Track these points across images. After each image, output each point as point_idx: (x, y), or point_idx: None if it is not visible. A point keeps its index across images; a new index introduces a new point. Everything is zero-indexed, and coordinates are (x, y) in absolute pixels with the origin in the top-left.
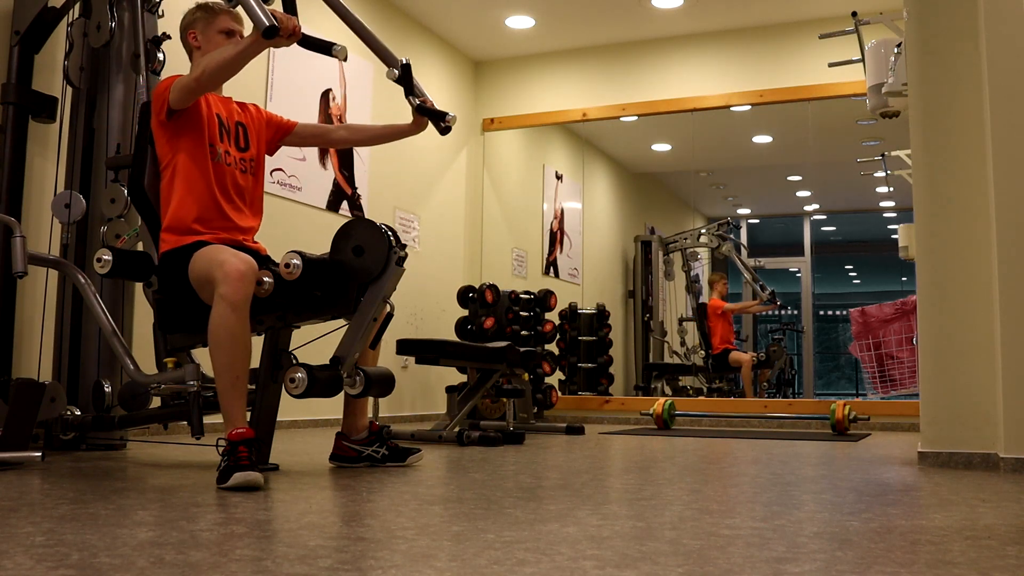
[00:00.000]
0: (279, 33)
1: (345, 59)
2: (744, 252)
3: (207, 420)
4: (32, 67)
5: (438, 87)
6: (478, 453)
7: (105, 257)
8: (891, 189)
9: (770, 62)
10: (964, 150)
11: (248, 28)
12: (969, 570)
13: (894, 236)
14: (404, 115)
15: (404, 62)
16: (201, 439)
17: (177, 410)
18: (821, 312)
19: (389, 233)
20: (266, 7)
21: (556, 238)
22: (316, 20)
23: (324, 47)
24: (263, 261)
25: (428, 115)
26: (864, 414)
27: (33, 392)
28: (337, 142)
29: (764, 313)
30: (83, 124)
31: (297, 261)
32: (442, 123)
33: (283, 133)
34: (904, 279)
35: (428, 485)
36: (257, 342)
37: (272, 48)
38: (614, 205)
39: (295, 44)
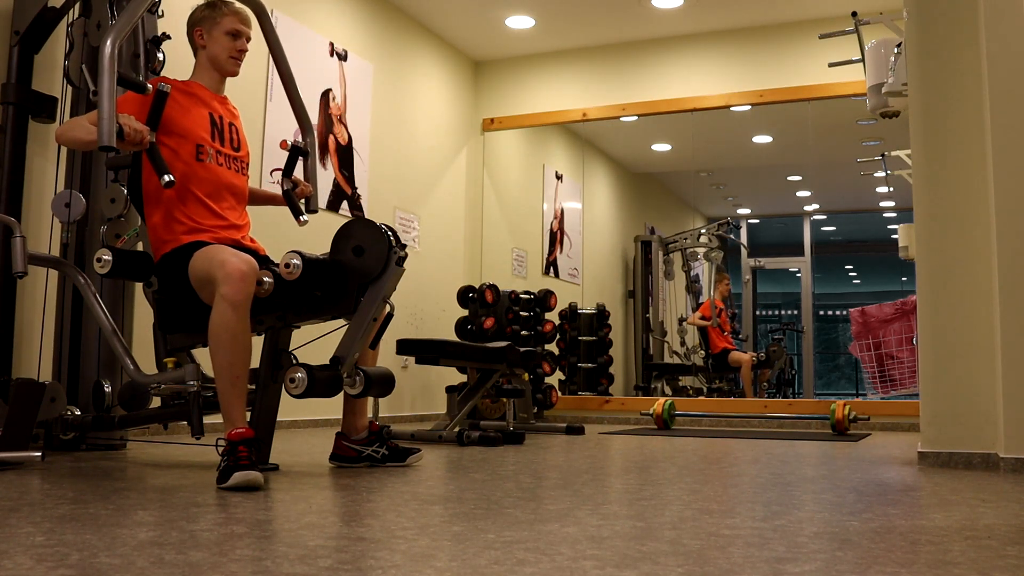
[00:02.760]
0: (122, 141)
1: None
2: (744, 252)
3: (207, 420)
4: (32, 67)
5: (438, 87)
6: (478, 453)
7: (105, 257)
8: (891, 189)
9: (770, 62)
10: (964, 150)
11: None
12: (969, 570)
13: (894, 236)
14: (404, 115)
15: (293, 144)
16: (201, 439)
17: (177, 410)
18: (821, 312)
19: (389, 233)
20: (115, 116)
21: (556, 238)
22: (316, 21)
23: (161, 168)
24: (263, 261)
25: (288, 204)
26: (864, 414)
27: (33, 392)
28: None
29: (762, 314)
30: None
31: (297, 261)
32: (299, 217)
33: None
34: (904, 279)
35: (428, 485)
36: (257, 342)
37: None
38: (614, 205)
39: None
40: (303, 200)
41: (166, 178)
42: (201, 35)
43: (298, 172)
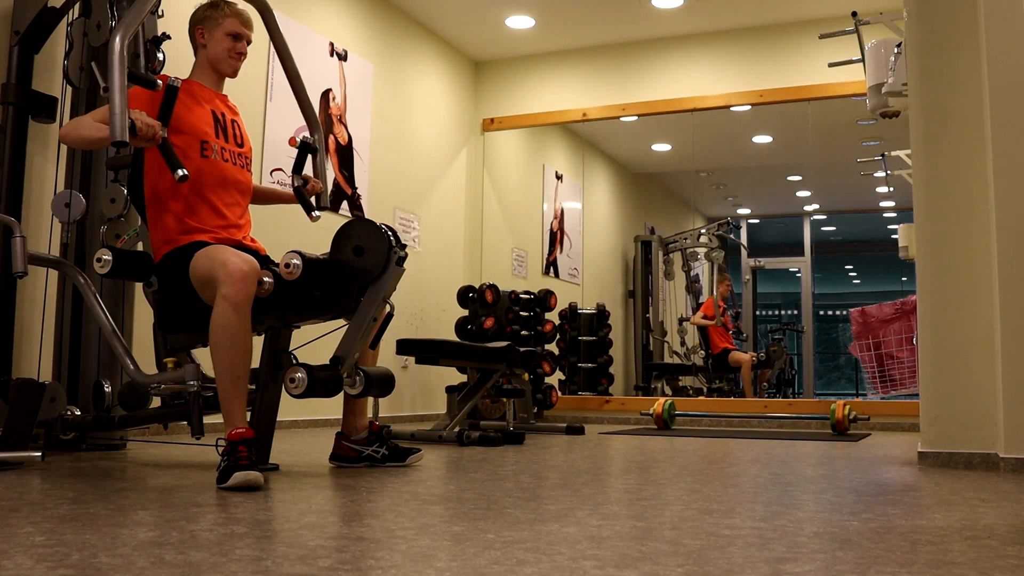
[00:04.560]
0: (135, 137)
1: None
2: (744, 252)
3: (207, 420)
4: (32, 67)
5: (438, 87)
6: (478, 453)
7: (105, 257)
8: (891, 189)
9: (770, 62)
10: (964, 150)
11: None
12: (969, 570)
13: (894, 236)
14: (404, 115)
15: (302, 140)
16: (201, 439)
17: (177, 410)
18: (821, 312)
19: (389, 233)
20: (127, 112)
21: (556, 238)
22: (315, 22)
23: (174, 164)
24: (263, 261)
25: (300, 200)
26: (864, 414)
27: (33, 392)
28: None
29: (762, 314)
30: None
31: (297, 261)
32: (311, 213)
33: None
34: (904, 279)
35: (428, 485)
36: (257, 342)
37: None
38: (614, 205)
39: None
40: (314, 197)
41: (180, 173)
42: (202, 34)
43: (307, 170)
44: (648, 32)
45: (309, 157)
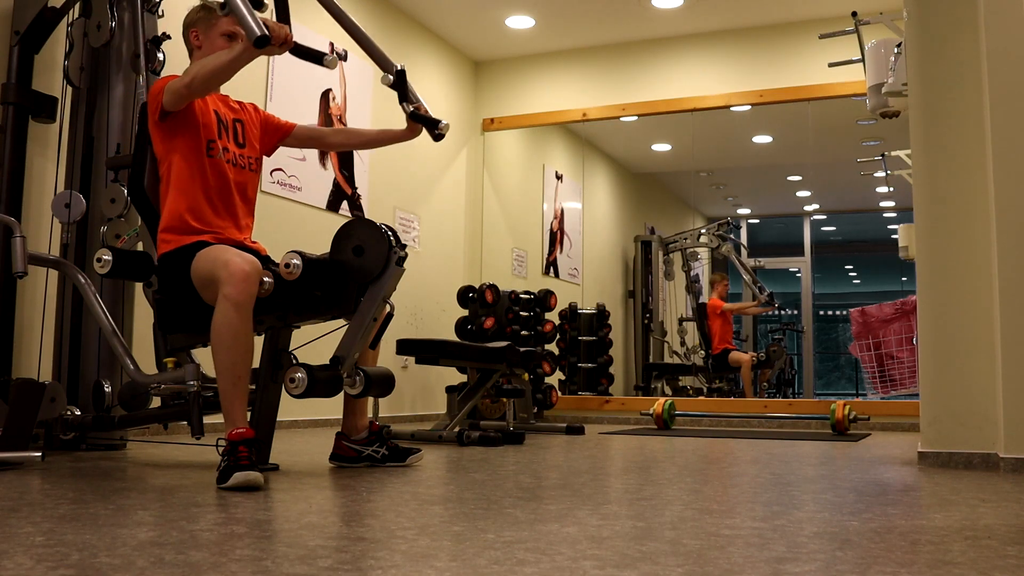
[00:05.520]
0: (270, 42)
1: (334, 67)
2: (744, 252)
3: (207, 420)
4: (32, 67)
5: (438, 87)
6: (478, 453)
7: (105, 257)
8: (891, 189)
9: (770, 62)
10: (964, 150)
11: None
12: (969, 570)
13: (894, 236)
14: (403, 116)
15: (399, 68)
16: (201, 439)
17: (177, 410)
18: (821, 312)
19: (389, 233)
20: (257, 16)
21: (556, 238)
22: (315, 22)
23: (316, 56)
24: (263, 261)
25: (421, 122)
26: (864, 414)
27: (33, 392)
28: (333, 145)
29: (764, 314)
30: (83, 124)
31: (297, 261)
32: (435, 130)
33: (281, 135)
34: (904, 279)
35: (428, 485)
36: (257, 342)
37: (266, 56)
38: (614, 205)
39: (287, 52)
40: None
41: (329, 57)
42: (197, 36)
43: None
44: (648, 32)
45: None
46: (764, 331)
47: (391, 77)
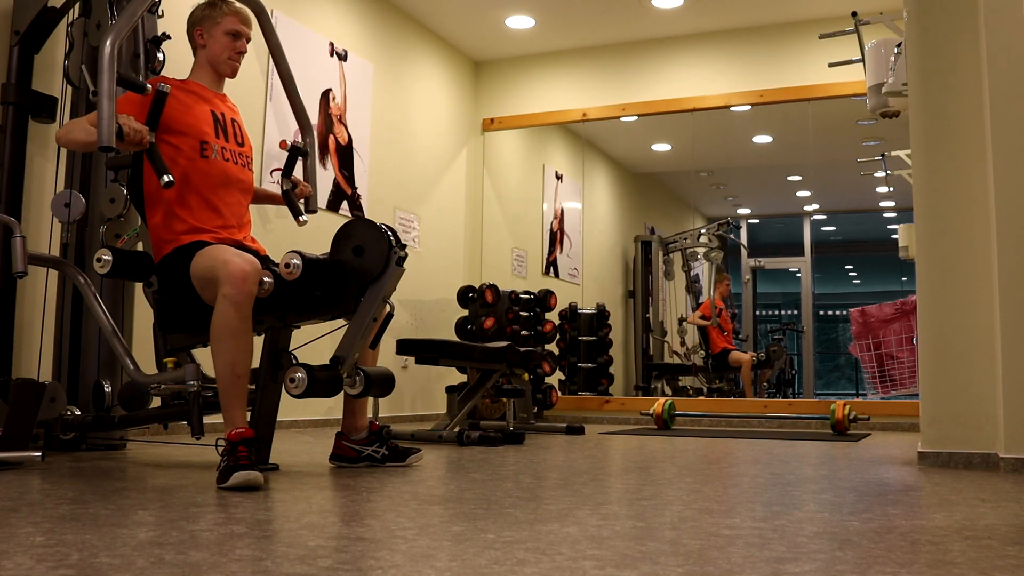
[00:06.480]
0: (122, 142)
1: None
2: (744, 252)
3: (207, 420)
4: (32, 67)
5: (438, 87)
6: (478, 453)
7: (105, 257)
8: (891, 189)
9: (770, 62)
10: (964, 150)
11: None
12: (969, 570)
13: (894, 236)
14: (404, 115)
15: (292, 144)
16: (201, 439)
17: (177, 410)
18: (821, 312)
19: (389, 233)
20: (115, 117)
21: (556, 238)
22: (315, 22)
23: (160, 169)
24: (263, 261)
25: (288, 204)
26: (864, 414)
27: (33, 392)
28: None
29: (762, 314)
30: None
31: (297, 261)
32: (297, 218)
33: None
34: (904, 279)
35: (428, 485)
36: (257, 342)
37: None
38: (614, 205)
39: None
40: (302, 200)
41: (165, 178)
42: (201, 34)
43: (297, 172)
44: (648, 32)
45: (299, 161)
46: (764, 331)
47: (290, 142)
